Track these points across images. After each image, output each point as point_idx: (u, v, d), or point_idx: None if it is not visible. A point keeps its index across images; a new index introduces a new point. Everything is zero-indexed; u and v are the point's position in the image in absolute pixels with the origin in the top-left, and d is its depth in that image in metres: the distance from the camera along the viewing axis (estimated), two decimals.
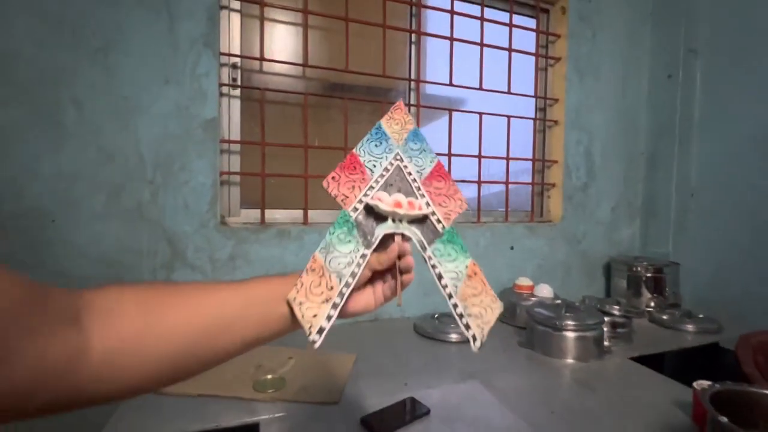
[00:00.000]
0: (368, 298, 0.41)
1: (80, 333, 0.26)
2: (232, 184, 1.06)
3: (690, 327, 1.07)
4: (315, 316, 0.37)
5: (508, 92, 1.28)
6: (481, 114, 1.25)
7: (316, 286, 0.38)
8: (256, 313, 0.36)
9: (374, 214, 0.42)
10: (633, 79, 1.42)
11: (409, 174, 0.46)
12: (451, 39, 1.20)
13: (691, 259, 1.31)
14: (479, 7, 1.24)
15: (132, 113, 0.89)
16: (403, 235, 0.42)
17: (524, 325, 1.02)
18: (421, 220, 0.43)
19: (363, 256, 0.40)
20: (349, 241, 0.41)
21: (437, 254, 0.42)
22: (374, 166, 0.46)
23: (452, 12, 1.20)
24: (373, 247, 0.40)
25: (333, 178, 0.45)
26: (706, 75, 1.31)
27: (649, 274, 1.25)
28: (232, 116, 1.06)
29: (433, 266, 0.41)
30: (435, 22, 1.24)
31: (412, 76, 1.23)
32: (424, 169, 0.47)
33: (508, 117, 1.29)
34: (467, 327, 0.39)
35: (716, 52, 1.28)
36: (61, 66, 0.84)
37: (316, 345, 0.35)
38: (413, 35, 1.23)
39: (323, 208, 1.11)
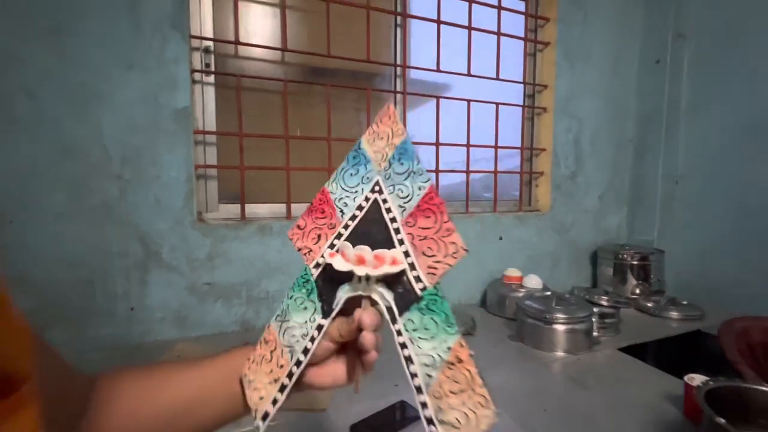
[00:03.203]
0: (337, 371, 0.34)
1: (87, 425, 0.29)
2: (209, 178, 1.00)
3: (674, 314, 1.08)
4: (261, 398, 0.32)
5: (497, 78, 1.24)
6: (469, 101, 1.21)
7: (266, 362, 0.33)
8: (226, 389, 0.35)
9: (339, 271, 0.33)
10: (623, 65, 1.40)
11: (388, 211, 0.34)
12: (438, 22, 1.14)
13: (676, 246, 1.32)
14: None
15: (92, 102, 0.81)
16: (371, 300, 0.32)
17: (514, 317, 1.01)
18: (396, 278, 0.32)
19: (319, 327, 0.32)
20: (306, 308, 0.34)
21: (409, 328, 0.31)
22: (345, 204, 0.36)
23: None
24: (333, 315, 0.32)
25: (299, 226, 0.37)
26: (694, 61, 1.30)
27: (634, 262, 1.26)
28: (206, 105, 0.99)
29: (402, 345, 0.30)
30: (421, 4, 1.18)
31: (398, 62, 1.17)
32: (410, 200, 0.34)
33: (497, 104, 1.25)
34: None
35: (705, 38, 1.27)
36: (9, 51, 0.75)
37: (261, 431, 0.32)
38: (398, 18, 1.17)
39: (307, 201, 1.06)
